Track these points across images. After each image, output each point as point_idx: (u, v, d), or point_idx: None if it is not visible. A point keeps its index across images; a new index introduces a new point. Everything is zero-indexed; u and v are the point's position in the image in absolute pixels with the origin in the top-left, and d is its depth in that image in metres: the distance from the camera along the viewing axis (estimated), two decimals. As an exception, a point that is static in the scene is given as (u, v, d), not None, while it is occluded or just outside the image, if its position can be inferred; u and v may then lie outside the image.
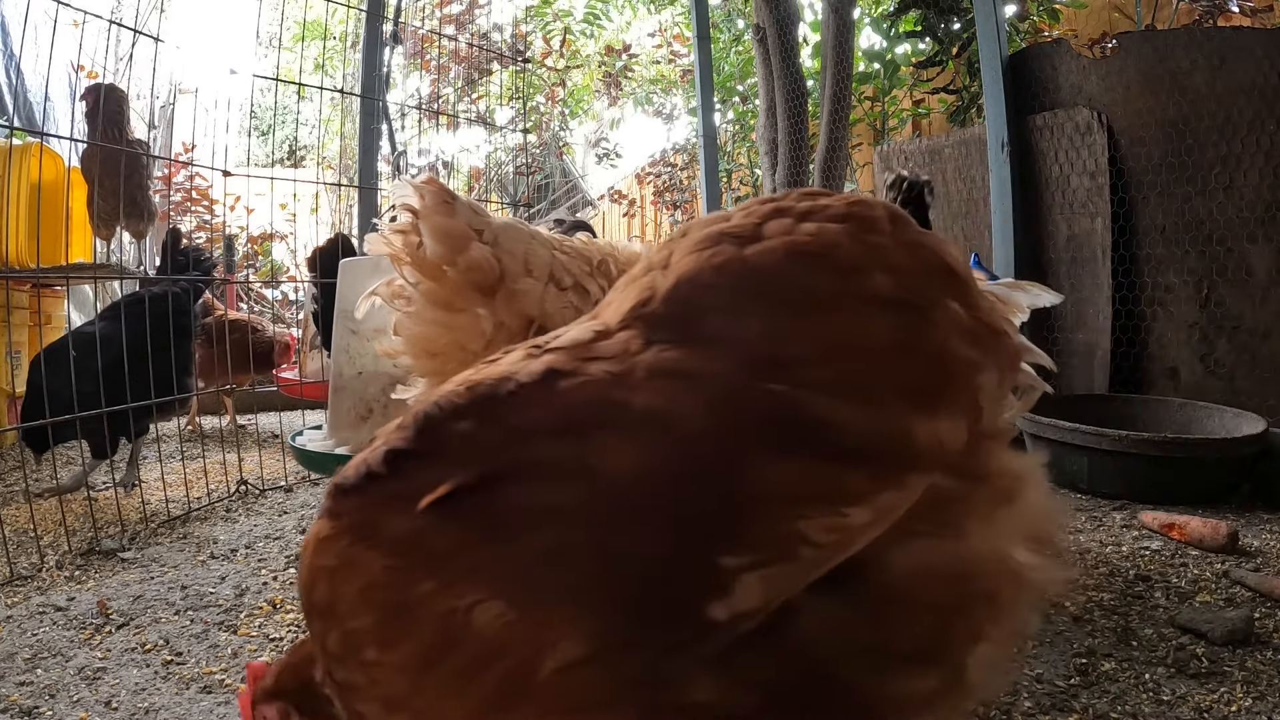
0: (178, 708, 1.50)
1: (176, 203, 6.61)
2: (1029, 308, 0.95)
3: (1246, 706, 1.41)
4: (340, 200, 7.67)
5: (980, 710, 1.42)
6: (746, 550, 0.62)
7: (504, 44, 7.72)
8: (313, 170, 9.24)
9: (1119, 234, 3.43)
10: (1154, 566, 2.07)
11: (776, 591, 0.63)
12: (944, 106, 5.36)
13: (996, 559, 0.75)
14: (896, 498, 0.69)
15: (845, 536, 0.66)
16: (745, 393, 0.66)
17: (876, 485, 0.67)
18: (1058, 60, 3.70)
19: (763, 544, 0.62)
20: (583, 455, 0.63)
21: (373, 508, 0.66)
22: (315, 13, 7.47)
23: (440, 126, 6.08)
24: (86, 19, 2.99)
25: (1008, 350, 0.81)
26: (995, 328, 0.80)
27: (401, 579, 0.62)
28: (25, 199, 3.63)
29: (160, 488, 3.12)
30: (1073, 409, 3.00)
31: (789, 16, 4.99)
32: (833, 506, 0.65)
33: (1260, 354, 3.02)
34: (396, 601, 0.62)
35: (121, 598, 2.02)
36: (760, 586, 0.62)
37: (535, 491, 0.62)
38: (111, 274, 3.70)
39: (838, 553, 0.66)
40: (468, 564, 0.61)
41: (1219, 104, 3.09)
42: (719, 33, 7.10)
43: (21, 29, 3.15)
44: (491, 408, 0.67)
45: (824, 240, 0.74)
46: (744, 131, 7.36)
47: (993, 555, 0.75)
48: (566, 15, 8.55)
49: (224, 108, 7.76)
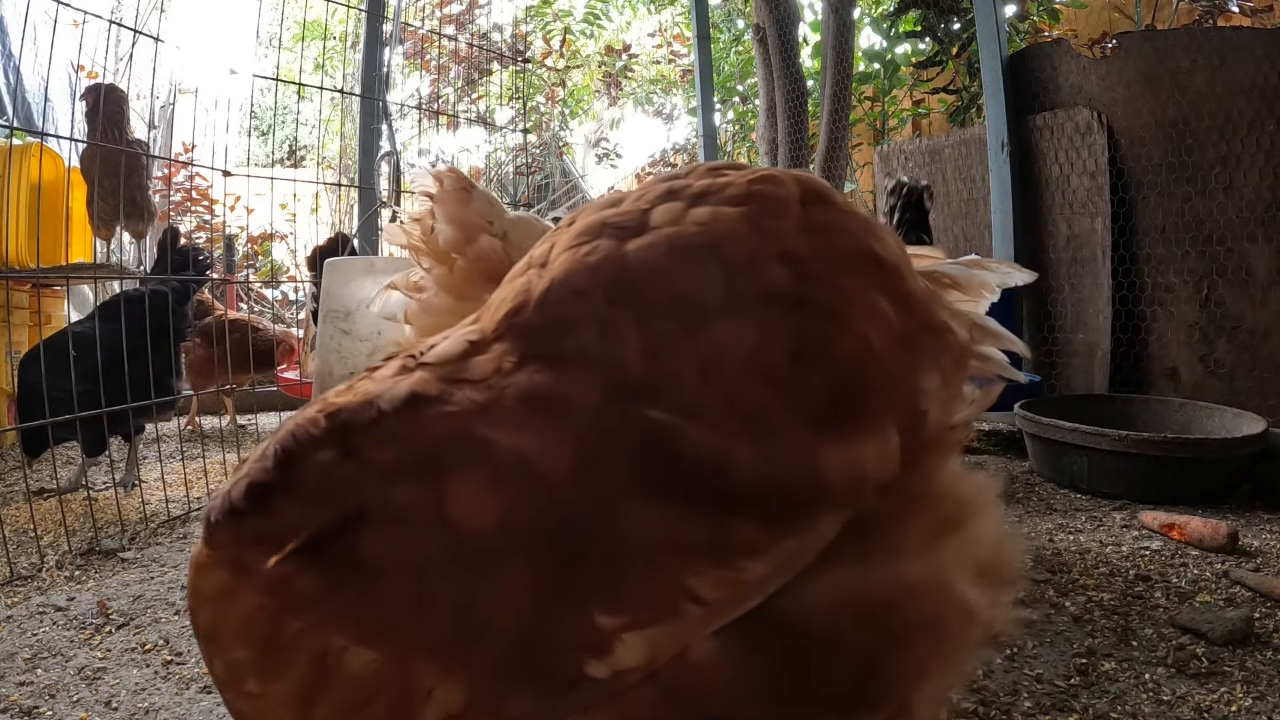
0: (178, 708, 1.50)
1: (176, 203, 6.61)
2: (999, 287, 0.85)
3: (1246, 706, 1.41)
4: (340, 200, 7.67)
5: (980, 710, 1.42)
6: (624, 609, 0.55)
7: (504, 44, 7.72)
8: (313, 170, 9.24)
9: (1119, 234, 3.44)
10: (1154, 566, 2.07)
11: (664, 649, 0.57)
12: (944, 106, 5.36)
13: (939, 586, 0.65)
14: (803, 544, 0.59)
15: (740, 592, 0.57)
16: (617, 426, 0.56)
17: (774, 535, 0.57)
18: (1058, 60, 3.70)
19: (642, 603, 0.55)
20: (441, 502, 0.56)
21: (242, 544, 0.61)
22: (315, 13, 7.47)
23: (440, 126, 6.08)
24: (86, 19, 2.99)
25: (951, 348, 0.71)
26: (933, 324, 0.69)
27: (275, 617, 0.59)
28: (25, 199, 3.63)
29: (160, 488, 3.12)
30: (1073, 409, 3.00)
31: (789, 16, 4.99)
32: (723, 560, 0.56)
33: (1260, 354, 3.02)
34: (272, 638, 0.59)
35: (121, 598, 2.02)
36: (643, 646, 0.56)
37: (394, 539, 0.56)
38: (111, 274, 3.70)
39: (734, 608, 0.58)
40: (335, 609, 0.57)
41: (1219, 104, 3.09)
42: (719, 33, 7.10)
43: (21, 29, 3.15)
44: (351, 438, 0.60)
45: (714, 231, 0.62)
46: (744, 131, 7.36)
47: (934, 582, 0.65)
48: (566, 15, 8.55)
49: (224, 108, 7.77)
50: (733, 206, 0.64)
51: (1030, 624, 1.76)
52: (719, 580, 0.56)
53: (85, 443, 2.86)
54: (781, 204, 0.65)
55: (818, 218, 0.65)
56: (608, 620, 0.55)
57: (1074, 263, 3.63)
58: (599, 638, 0.55)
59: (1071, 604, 1.85)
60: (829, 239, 0.65)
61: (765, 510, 0.57)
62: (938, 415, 0.68)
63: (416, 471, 0.57)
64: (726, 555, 0.56)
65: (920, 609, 0.63)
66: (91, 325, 2.92)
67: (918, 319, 0.67)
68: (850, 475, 0.59)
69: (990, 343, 0.80)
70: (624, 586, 0.55)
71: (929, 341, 0.68)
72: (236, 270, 6.85)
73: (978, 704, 1.44)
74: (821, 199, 0.67)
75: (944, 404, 0.69)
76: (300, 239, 7.88)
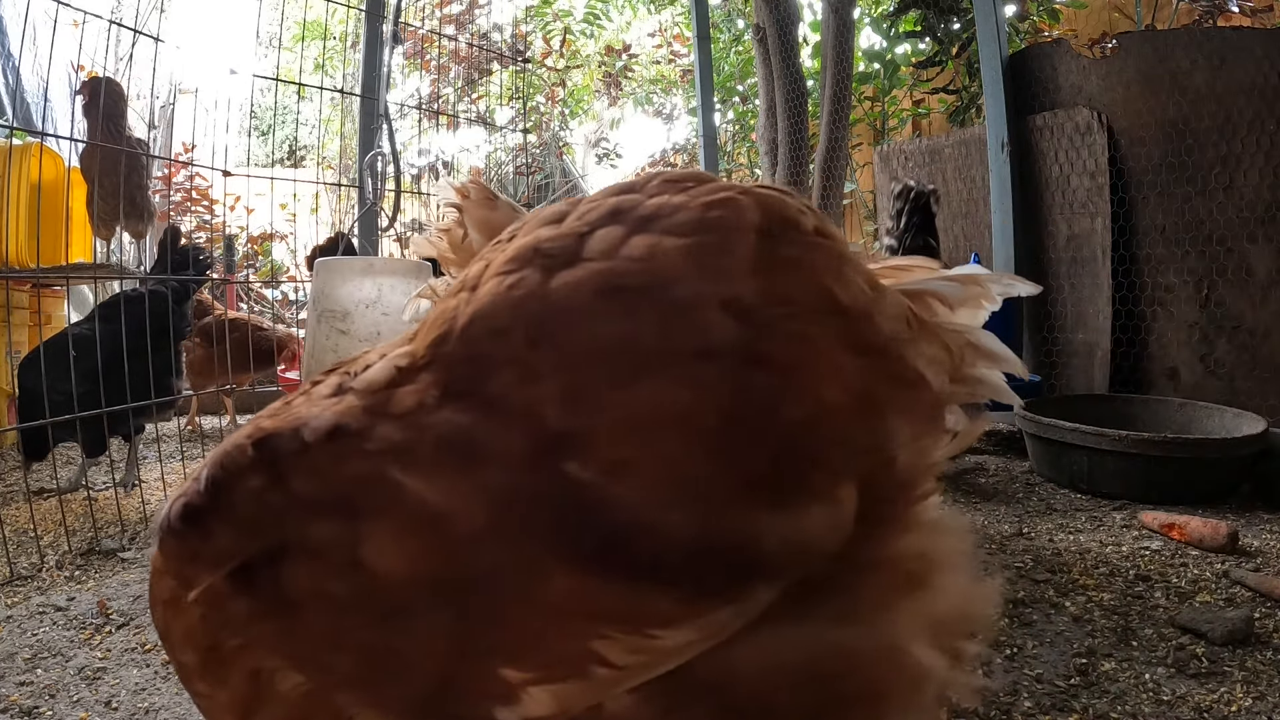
0: (178, 708, 1.50)
1: (176, 203, 6.61)
2: (1000, 297, 0.79)
3: (1246, 706, 1.41)
4: (340, 200, 7.67)
5: (980, 710, 1.42)
6: (530, 666, 0.54)
7: (504, 44, 7.72)
8: (313, 170, 9.24)
9: (1119, 234, 3.44)
10: (1154, 566, 2.07)
11: (573, 703, 0.55)
12: (944, 106, 5.36)
13: (889, 651, 0.60)
14: (735, 612, 0.55)
15: (656, 658, 0.54)
16: (532, 482, 0.53)
17: (697, 606, 0.53)
18: (1058, 60, 3.70)
19: (548, 660, 0.54)
20: (355, 544, 0.55)
21: (184, 559, 0.63)
22: (315, 13, 7.47)
23: (440, 126, 6.07)
24: (86, 19, 2.99)
25: (923, 403, 0.64)
26: (905, 376, 0.63)
27: (214, 631, 0.61)
28: (25, 199, 3.64)
29: (160, 488, 3.12)
30: (1073, 409, 3.00)
31: (789, 16, 4.99)
32: (636, 628, 0.53)
33: (1260, 354, 3.02)
34: (213, 649, 0.61)
35: (121, 598, 2.02)
36: (550, 700, 0.54)
37: (313, 574, 0.56)
38: (111, 274, 3.70)
39: (648, 671, 0.55)
40: (264, 632, 0.59)
41: (1219, 104, 3.09)
42: (719, 33, 7.10)
43: (21, 29, 3.15)
44: (278, 466, 0.59)
45: (650, 270, 0.56)
46: (744, 131, 7.36)
47: (884, 648, 0.60)
48: (566, 15, 8.55)
49: (224, 108, 7.76)
50: (678, 238, 0.57)
51: (1030, 624, 1.76)
52: (631, 646, 0.53)
53: (85, 443, 2.86)
54: (735, 237, 0.57)
55: (778, 253, 0.58)
56: (513, 674, 0.54)
57: (1074, 263, 3.63)
58: (506, 689, 0.54)
59: (1071, 604, 1.85)
60: (786, 281, 0.57)
61: (690, 582, 0.53)
62: (907, 463, 0.63)
63: (334, 509, 0.57)
64: (641, 624, 0.53)
65: (865, 677, 0.59)
66: (91, 326, 2.92)
67: (885, 372, 0.61)
68: (791, 546, 0.55)
69: (984, 364, 0.74)
70: (530, 644, 0.54)
71: (898, 396, 0.61)
72: (236, 270, 6.85)
73: (978, 704, 1.44)
74: (787, 227, 0.60)
75: (915, 453, 0.63)
76: (300, 239, 7.88)
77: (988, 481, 2.97)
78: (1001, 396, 0.77)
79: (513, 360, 0.55)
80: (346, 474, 0.57)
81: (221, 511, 0.60)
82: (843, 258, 0.62)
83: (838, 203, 4.88)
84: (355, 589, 0.55)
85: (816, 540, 0.56)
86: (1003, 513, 2.57)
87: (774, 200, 0.61)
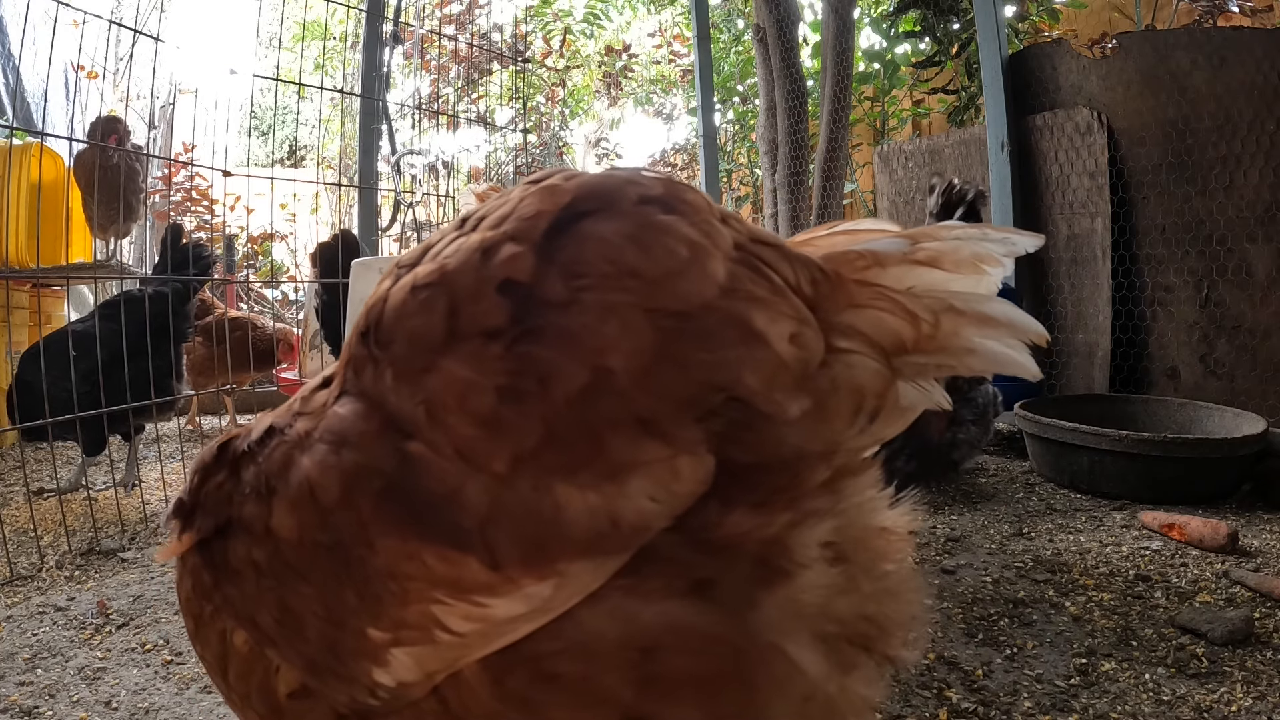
0: (178, 708, 1.50)
1: (176, 203, 6.61)
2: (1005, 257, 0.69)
3: (1246, 706, 1.41)
4: (340, 200, 7.67)
5: (980, 710, 1.42)
6: (387, 627, 0.59)
7: (504, 44, 7.72)
8: (313, 170, 9.24)
9: (1119, 234, 3.44)
10: (1154, 566, 2.07)
11: (435, 667, 0.60)
12: (944, 106, 5.36)
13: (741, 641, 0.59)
14: (553, 590, 0.57)
15: (491, 627, 0.58)
16: (376, 457, 0.60)
17: (509, 577, 0.56)
18: (1058, 60, 3.70)
19: (399, 623, 0.59)
20: (267, 517, 0.64)
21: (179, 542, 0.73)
22: (315, 13, 7.47)
23: (440, 126, 6.07)
24: (86, 19, 2.99)
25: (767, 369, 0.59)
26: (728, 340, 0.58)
27: (198, 600, 0.71)
28: (25, 199, 3.64)
29: (160, 488, 3.12)
30: (1073, 409, 3.00)
31: (789, 16, 4.99)
32: (463, 595, 0.57)
33: (1260, 354, 3.02)
34: (199, 615, 0.71)
35: (121, 598, 2.02)
36: (412, 663, 0.60)
37: (244, 546, 0.66)
38: (111, 274, 3.70)
39: (489, 641, 0.58)
40: (220, 598, 0.68)
41: (1219, 104, 3.09)
42: (719, 33, 7.10)
43: (21, 29, 3.15)
44: (234, 463, 0.70)
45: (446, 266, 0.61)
46: (744, 131, 7.36)
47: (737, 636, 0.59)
48: (566, 15, 8.55)
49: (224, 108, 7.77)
50: (490, 230, 0.61)
51: (1030, 624, 1.76)
52: (465, 614, 0.57)
53: (84, 443, 2.85)
54: (532, 222, 0.59)
55: (574, 230, 0.59)
56: (377, 635, 0.60)
57: (1074, 263, 3.63)
58: (374, 649, 0.60)
59: (1071, 604, 1.85)
60: (571, 257, 0.58)
61: (489, 550, 0.56)
62: (783, 441, 0.60)
63: (258, 491, 0.66)
64: (466, 591, 0.57)
65: (706, 660, 0.58)
66: (92, 324, 2.92)
67: (701, 333, 0.57)
68: (602, 521, 0.56)
69: (977, 332, 0.64)
70: (384, 607, 0.59)
71: (721, 359, 0.58)
72: (236, 270, 6.85)
73: (978, 704, 1.44)
74: (603, 203, 0.60)
75: (800, 432, 0.60)
76: (300, 239, 7.88)
77: (988, 481, 2.97)
78: (1005, 368, 0.65)
79: (368, 358, 0.63)
80: (271, 461, 0.66)
81: (200, 504, 0.71)
82: (649, 225, 0.59)
83: (838, 203, 4.87)
84: (269, 555, 0.64)
85: (637, 514, 0.56)
86: (1003, 513, 2.57)
87: (593, 180, 0.62)
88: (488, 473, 0.57)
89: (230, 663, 0.69)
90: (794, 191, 4.97)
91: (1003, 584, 1.99)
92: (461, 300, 0.58)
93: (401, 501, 0.58)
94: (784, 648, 0.60)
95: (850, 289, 0.65)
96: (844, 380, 0.62)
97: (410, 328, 0.60)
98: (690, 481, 0.57)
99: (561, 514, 0.56)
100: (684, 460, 0.57)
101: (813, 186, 4.98)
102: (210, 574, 0.69)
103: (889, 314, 0.64)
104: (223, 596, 0.68)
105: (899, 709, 1.44)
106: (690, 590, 0.59)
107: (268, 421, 0.71)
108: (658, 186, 0.62)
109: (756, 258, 0.62)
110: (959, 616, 1.81)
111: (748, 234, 0.64)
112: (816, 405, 0.61)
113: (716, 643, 0.59)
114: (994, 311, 0.65)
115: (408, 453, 0.59)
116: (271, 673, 0.66)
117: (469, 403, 0.57)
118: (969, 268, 0.67)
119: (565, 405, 0.56)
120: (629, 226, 0.59)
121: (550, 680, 0.58)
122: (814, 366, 0.61)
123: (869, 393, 0.63)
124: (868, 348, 0.63)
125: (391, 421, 0.60)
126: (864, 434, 0.64)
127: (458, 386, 0.57)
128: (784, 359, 0.59)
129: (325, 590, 0.61)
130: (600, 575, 0.58)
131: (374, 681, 0.61)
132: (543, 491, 0.56)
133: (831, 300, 0.64)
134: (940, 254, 0.67)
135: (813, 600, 0.62)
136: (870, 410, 0.63)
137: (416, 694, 0.61)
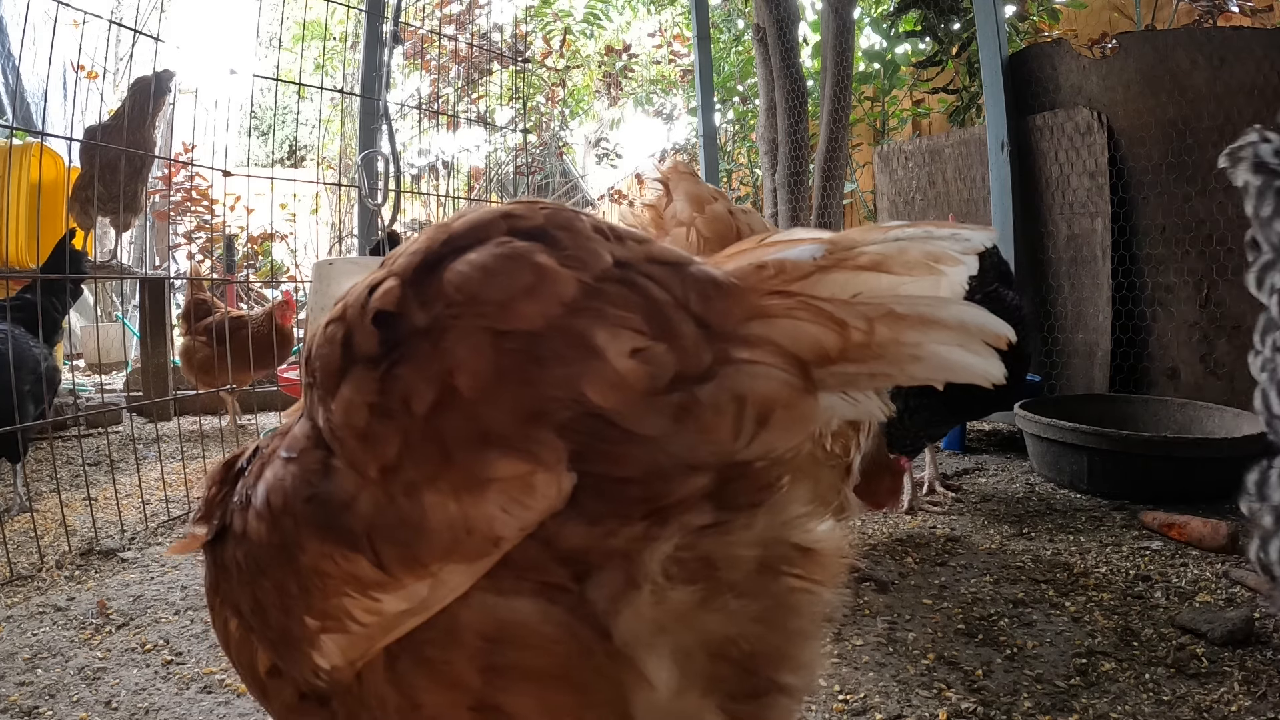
0: (178, 708, 1.50)
1: (176, 203, 6.60)
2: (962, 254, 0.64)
3: (1246, 706, 1.41)
4: (340, 200, 7.67)
5: (980, 710, 1.42)
6: (317, 615, 0.68)
7: (504, 44, 7.72)
8: (313, 170, 9.24)
9: (1119, 234, 3.43)
10: (1154, 566, 2.07)
11: (355, 654, 0.68)
12: (944, 106, 5.37)
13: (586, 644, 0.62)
14: (429, 589, 0.63)
15: (386, 620, 0.65)
16: (308, 469, 0.69)
17: (393, 575, 0.64)
18: (1058, 60, 3.70)
19: (324, 614, 0.68)
20: (244, 522, 0.75)
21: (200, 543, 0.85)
22: (315, 13, 7.47)
23: (440, 126, 6.07)
24: (86, 19, 2.99)
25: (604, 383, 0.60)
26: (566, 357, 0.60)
27: (210, 592, 0.84)
28: (25, 199, 3.64)
29: (160, 488, 3.12)
30: (1073, 409, 3.00)
31: (789, 16, 4.98)
32: (361, 590, 0.65)
33: (1260, 354, 3.01)
34: (211, 606, 0.84)
35: (121, 598, 2.02)
36: (337, 649, 0.68)
37: (231, 546, 0.77)
38: (111, 274, 3.70)
39: (387, 632, 0.66)
40: (221, 591, 0.80)
41: (1219, 104, 3.09)
42: (719, 33, 7.10)
43: (21, 29, 3.15)
44: (233, 478, 0.82)
45: (348, 297, 0.70)
46: (744, 131, 7.36)
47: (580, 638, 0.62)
48: (566, 15, 8.55)
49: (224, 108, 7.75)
50: (384, 269, 0.69)
51: (1030, 624, 1.76)
52: (365, 607, 0.66)
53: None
54: (411, 259, 0.67)
55: (441, 265, 0.64)
56: (311, 622, 0.69)
57: (1074, 263, 3.63)
58: (311, 635, 0.69)
59: (1071, 604, 1.85)
60: (432, 289, 0.64)
61: (373, 552, 0.64)
62: (679, 454, 0.60)
63: (241, 500, 0.78)
64: (364, 588, 0.65)
65: (535, 658, 0.63)
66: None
67: (538, 354, 0.60)
68: (459, 527, 0.61)
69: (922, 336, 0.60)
70: (312, 599, 0.68)
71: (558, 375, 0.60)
72: (236, 270, 6.85)
73: (978, 704, 1.44)
74: (472, 239, 0.65)
75: (687, 443, 0.61)
76: (300, 239, 7.89)
77: (988, 481, 2.97)
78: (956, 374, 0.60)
79: (312, 384, 0.71)
80: (250, 474, 0.78)
81: (210, 508, 0.84)
82: (507, 255, 0.63)
83: (838, 203, 4.87)
84: (245, 554, 0.75)
85: (489, 523, 0.61)
86: (1003, 513, 2.57)
87: (475, 217, 0.68)
88: (368, 480, 0.65)
89: (231, 648, 0.81)
90: (794, 191, 4.97)
91: (1003, 584, 1.99)
92: (353, 331, 0.67)
93: (321, 508, 0.67)
94: (633, 657, 0.62)
95: (752, 300, 0.64)
96: (744, 390, 0.61)
97: (323, 356, 0.69)
98: (544, 498, 0.60)
99: (425, 520, 0.62)
100: (541, 477, 0.60)
101: (813, 186, 4.98)
102: (214, 571, 0.81)
103: (808, 322, 0.62)
104: (222, 590, 0.80)
105: (899, 709, 1.44)
106: (536, 592, 0.63)
107: (253, 444, 0.84)
108: (538, 217, 0.66)
109: (641, 275, 0.64)
110: (959, 616, 1.81)
111: (643, 254, 0.65)
112: (690, 418, 0.60)
113: (555, 642, 0.62)
114: (941, 314, 0.61)
115: (330, 466, 0.68)
116: (255, 654, 0.77)
117: (351, 418, 0.65)
118: (921, 269, 0.64)
119: (421, 420, 0.62)
120: (485, 257, 0.64)
121: (422, 663, 0.66)
122: (664, 381, 0.60)
123: (777, 403, 0.61)
124: (776, 357, 0.61)
125: (321, 439, 0.70)
126: (755, 443, 0.62)
127: (345, 405, 0.66)
128: (622, 374, 0.60)
129: (278, 583, 0.71)
130: (471, 577, 0.63)
131: (315, 665, 0.70)
132: (414, 500, 0.63)
133: (728, 313, 0.63)
134: (885, 257, 0.64)
135: (666, 615, 0.63)
136: (764, 419, 0.62)
137: (346, 677, 0.70)
